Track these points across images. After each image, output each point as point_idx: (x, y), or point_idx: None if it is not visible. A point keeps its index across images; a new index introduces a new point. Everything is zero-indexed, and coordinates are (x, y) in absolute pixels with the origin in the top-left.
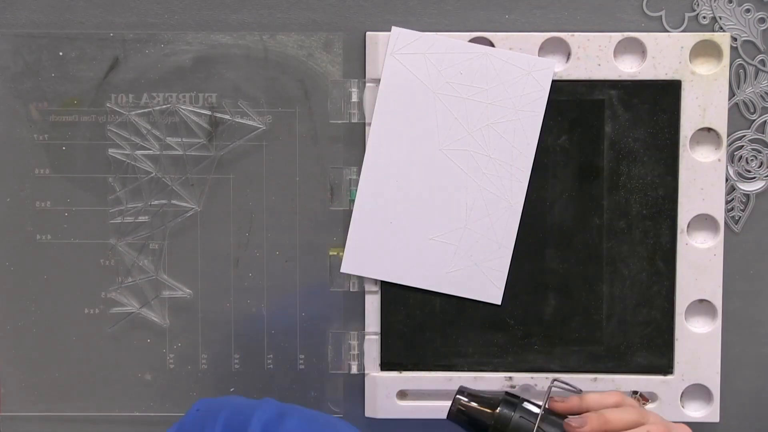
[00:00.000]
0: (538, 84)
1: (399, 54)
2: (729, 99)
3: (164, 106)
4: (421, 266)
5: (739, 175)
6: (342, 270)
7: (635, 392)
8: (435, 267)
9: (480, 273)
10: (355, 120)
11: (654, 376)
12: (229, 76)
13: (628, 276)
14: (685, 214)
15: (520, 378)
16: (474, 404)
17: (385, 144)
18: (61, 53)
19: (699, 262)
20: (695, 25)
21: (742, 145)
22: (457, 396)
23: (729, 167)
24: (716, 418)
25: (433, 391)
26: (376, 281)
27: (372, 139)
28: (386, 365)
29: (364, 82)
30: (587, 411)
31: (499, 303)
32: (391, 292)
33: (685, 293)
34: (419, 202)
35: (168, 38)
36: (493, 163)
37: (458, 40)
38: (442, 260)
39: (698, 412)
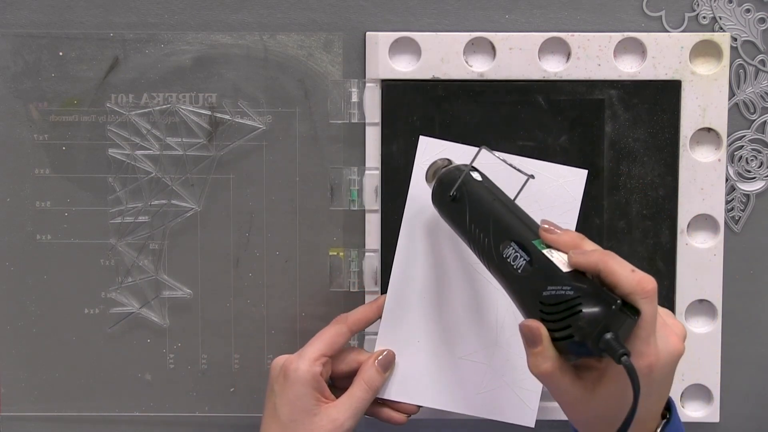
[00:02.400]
0: (569, 194)
1: (427, 164)
2: (729, 99)
3: (164, 106)
4: (451, 387)
5: (739, 175)
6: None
7: None
8: (465, 388)
9: (512, 394)
10: (355, 120)
11: None
12: (229, 76)
13: None
14: (685, 214)
15: None
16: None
17: (411, 259)
18: (61, 53)
19: (699, 262)
20: (695, 25)
21: (742, 145)
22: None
23: (729, 167)
24: (716, 418)
25: None
26: (376, 282)
27: (399, 254)
28: None
29: (364, 82)
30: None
31: (532, 425)
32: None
33: (685, 293)
34: (447, 320)
35: (168, 38)
36: None
37: (485, 150)
38: (472, 380)
39: (698, 412)
